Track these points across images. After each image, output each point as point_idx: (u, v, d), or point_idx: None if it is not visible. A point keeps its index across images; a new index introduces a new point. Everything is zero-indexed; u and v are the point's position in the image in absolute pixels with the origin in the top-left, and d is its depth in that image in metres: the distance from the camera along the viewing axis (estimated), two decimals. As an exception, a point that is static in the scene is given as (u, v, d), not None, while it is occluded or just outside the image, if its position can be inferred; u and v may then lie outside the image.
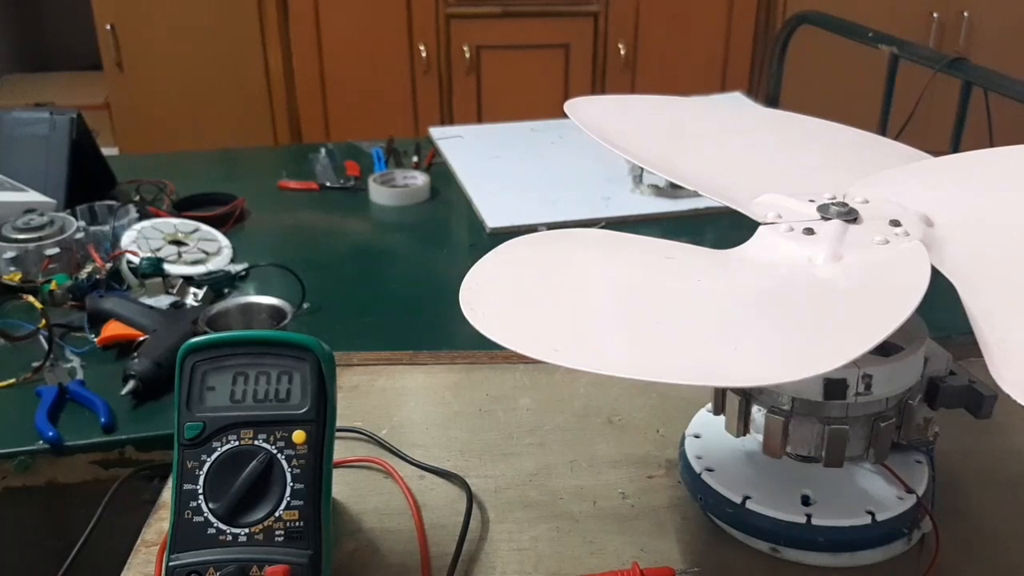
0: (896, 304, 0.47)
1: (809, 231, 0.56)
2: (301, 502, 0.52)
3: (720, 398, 0.60)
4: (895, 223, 0.56)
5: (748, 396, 0.58)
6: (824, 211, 0.57)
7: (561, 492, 0.65)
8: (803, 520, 0.56)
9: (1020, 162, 0.65)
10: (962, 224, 0.58)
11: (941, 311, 0.47)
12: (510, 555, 0.60)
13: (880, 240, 0.54)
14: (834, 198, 0.59)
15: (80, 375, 0.94)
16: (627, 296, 0.53)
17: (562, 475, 0.67)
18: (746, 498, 0.58)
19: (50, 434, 0.84)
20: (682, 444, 0.65)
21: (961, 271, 0.52)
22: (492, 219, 1.32)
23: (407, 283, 1.20)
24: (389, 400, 0.77)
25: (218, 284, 1.12)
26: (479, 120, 2.53)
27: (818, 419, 0.55)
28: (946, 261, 0.53)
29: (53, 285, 1.06)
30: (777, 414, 0.55)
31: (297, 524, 0.52)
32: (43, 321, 1.00)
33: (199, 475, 0.53)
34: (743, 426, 0.58)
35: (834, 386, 0.52)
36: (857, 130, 0.75)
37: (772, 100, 1.88)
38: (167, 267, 1.11)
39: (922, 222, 0.57)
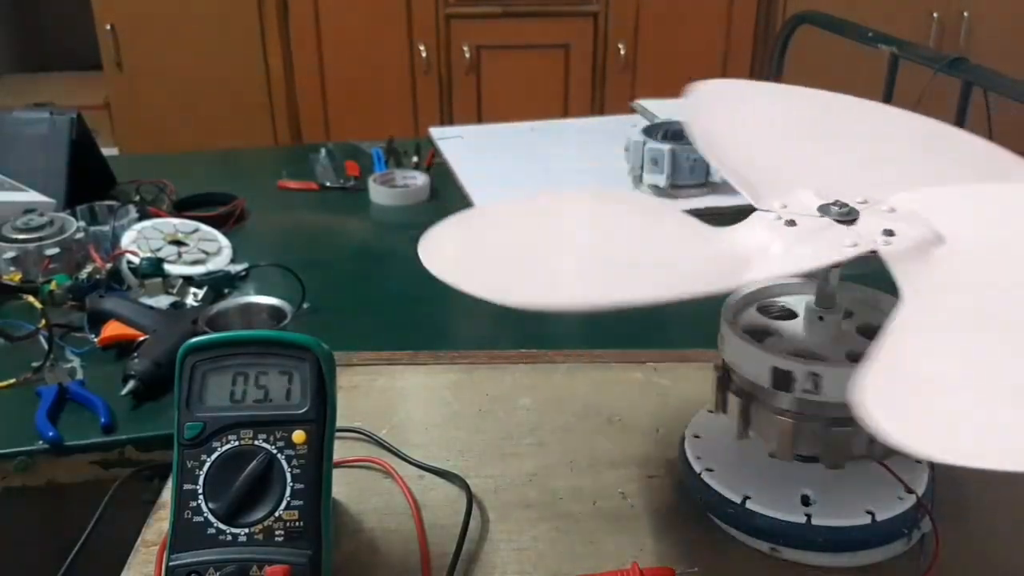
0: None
1: (791, 223, 0.54)
2: (301, 502, 0.52)
3: (721, 399, 0.61)
4: (888, 232, 0.54)
5: (749, 398, 0.58)
6: (825, 211, 0.57)
7: (561, 492, 0.65)
8: (803, 520, 0.56)
9: None
10: (970, 255, 0.55)
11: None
12: (510, 555, 0.60)
13: (849, 243, 0.52)
14: (865, 201, 0.56)
15: (80, 375, 0.94)
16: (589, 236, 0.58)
17: (562, 475, 0.67)
18: (746, 498, 0.58)
19: (50, 434, 0.84)
20: (682, 444, 0.65)
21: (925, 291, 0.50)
22: (492, 219, 1.32)
23: (407, 283, 1.20)
24: (389, 400, 0.77)
25: (218, 284, 1.12)
26: (479, 120, 2.53)
27: (823, 421, 0.55)
28: (922, 279, 0.50)
29: (53, 285, 1.05)
30: (784, 416, 0.55)
31: (297, 524, 0.52)
32: (43, 321, 1.00)
33: (199, 475, 0.53)
34: (744, 427, 0.58)
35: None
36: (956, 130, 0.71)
37: (772, 100, 1.88)
38: (167, 267, 1.11)
39: (922, 239, 0.53)
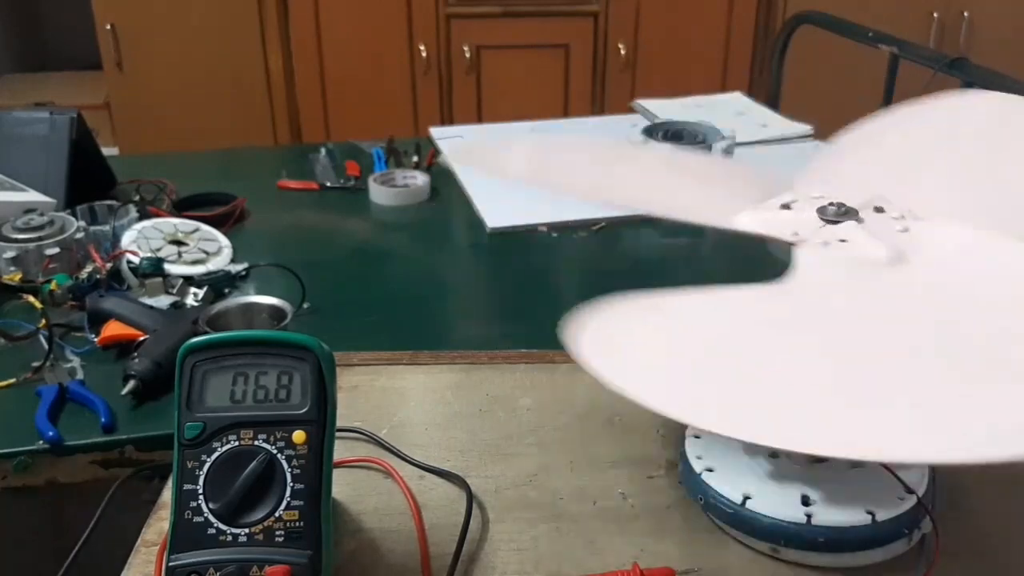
0: None
1: (842, 240, 0.55)
2: (301, 502, 0.53)
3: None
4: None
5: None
6: (823, 213, 0.57)
7: (561, 492, 0.65)
8: (803, 520, 0.56)
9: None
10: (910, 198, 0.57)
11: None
12: (510, 555, 0.60)
13: (900, 228, 0.54)
14: (795, 200, 0.58)
15: (80, 375, 0.94)
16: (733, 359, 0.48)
17: (562, 475, 0.67)
18: (746, 498, 0.58)
19: (50, 434, 0.84)
20: (682, 444, 0.65)
21: None
22: (492, 219, 1.32)
23: (407, 283, 1.20)
24: (389, 400, 0.77)
25: (218, 284, 1.12)
26: (479, 120, 2.53)
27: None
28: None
29: (53, 285, 1.05)
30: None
31: (297, 524, 0.52)
32: (43, 321, 1.00)
33: (199, 475, 0.53)
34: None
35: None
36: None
37: (772, 100, 1.88)
38: (167, 267, 1.11)
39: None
